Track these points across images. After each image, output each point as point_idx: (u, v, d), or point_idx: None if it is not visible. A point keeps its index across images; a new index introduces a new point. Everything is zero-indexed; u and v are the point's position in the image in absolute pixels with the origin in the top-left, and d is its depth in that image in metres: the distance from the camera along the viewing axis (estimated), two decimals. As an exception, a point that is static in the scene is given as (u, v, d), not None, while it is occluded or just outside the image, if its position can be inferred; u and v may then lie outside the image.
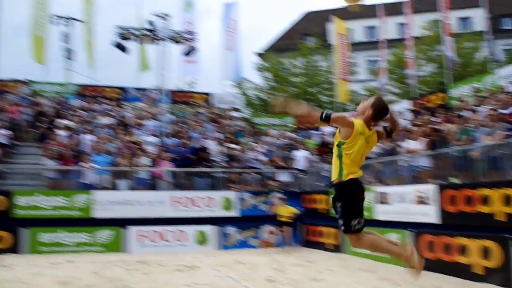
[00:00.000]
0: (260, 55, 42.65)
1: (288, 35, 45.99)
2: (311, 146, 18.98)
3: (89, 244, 14.20)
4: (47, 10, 24.23)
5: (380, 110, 4.65)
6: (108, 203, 14.44)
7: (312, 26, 42.90)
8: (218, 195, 15.58)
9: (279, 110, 4.67)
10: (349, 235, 4.63)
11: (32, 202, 14.13)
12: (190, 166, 16.55)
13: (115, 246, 14.26)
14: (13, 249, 13.56)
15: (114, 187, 15.17)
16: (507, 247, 8.14)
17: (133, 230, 14.45)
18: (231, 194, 15.76)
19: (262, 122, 23.72)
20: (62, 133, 17.13)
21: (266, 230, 15.55)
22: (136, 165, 15.69)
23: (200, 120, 20.28)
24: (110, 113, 19.90)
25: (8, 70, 25.91)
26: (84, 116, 19.24)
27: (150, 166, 15.86)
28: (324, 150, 17.89)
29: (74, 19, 24.86)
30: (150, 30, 19.07)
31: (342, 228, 4.64)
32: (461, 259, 9.02)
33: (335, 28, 26.15)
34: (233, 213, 15.57)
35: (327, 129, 19.91)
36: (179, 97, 24.65)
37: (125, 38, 19.21)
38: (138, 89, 24.35)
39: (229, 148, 17.48)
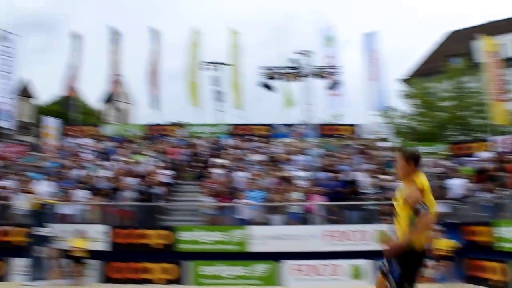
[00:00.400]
0: (404, 81, 41.55)
1: (432, 57, 44.09)
2: (467, 173, 17.91)
3: (247, 277, 14.73)
4: (199, 58, 26.25)
5: None
6: (263, 237, 14.92)
7: (457, 46, 40.85)
8: (371, 228, 15.27)
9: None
10: None
11: (193, 237, 15.18)
12: (341, 200, 16.49)
13: (271, 280, 14.62)
14: (178, 280, 14.71)
15: (268, 222, 15.67)
16: None
17: (288, 264, 14.73)
18: (384, 227, 15.37)
19: (413, 151, 22.83)
20: (217, 171, 18.19)
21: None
22: (288, 200, 16.07)
23: (348, 152, 20.20)
24: (260, 150, 20.68)
25: (165, 114, 28.47)
26: (237, 154, 20.24)
27: (302, 201, 16.12)
28: (482, 177, 16.80)
29: (222, 63, 26.60)
30: (294, 68, 19.69)
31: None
32: None
33: (483, 46, 24.66)
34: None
35: (484, 154, 18.70)
36: (326, 131, 24.80)
37: (270, 78, 20.07)
38: (286, 125, 24.99)
39: (380, 179, 17.12)
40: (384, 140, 23.68)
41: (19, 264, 14.81)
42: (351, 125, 25.26)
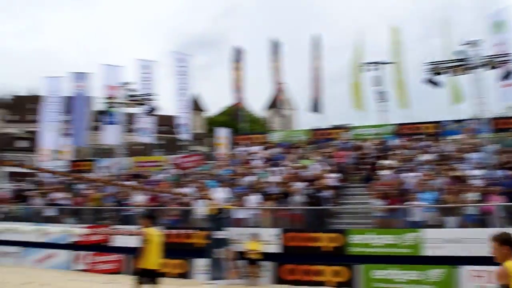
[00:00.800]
0: None
1: None
2: None
3: (420, 282, 14.27)
4: (361, 59, 26.19)
5: None
6: (437, 240, 14.40)
7: None
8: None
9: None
10: None
11: (364, 240, 15.19)
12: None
13: (447, 285, 14.04)
14: (349, 283, 14.84)
15: (442, 225, 15.09)
16: None
17: (465, 269, 14.01)
18: None
19: None
20: (385, 172, 17.98)
21: None
22: (463, 201, 15.31)
23: (528, 148, 18.57)
24: (430, 149, 19.95)
25: (327, 118, 29.01)
26: (405, 155, 19.79)
27: (478, 201, 15.25)
28: None
29: (384, 62, 26.19)
30: (461, 60, 18.66)
31: None
32: None
33: None
34: None
35: None
36: (501, 125, 23.03)
37: (436, 73, 19.25)
38: (455, 121, 23.80)
39: None
40: None
41: (200, 264, 16.31)
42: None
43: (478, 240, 13.94)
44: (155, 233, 9.58)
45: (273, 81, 30.35)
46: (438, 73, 19.25)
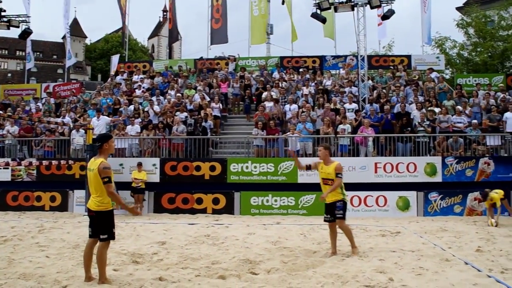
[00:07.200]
0: (461, 9, 39.64)
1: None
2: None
3: (294, 207, 15.08)
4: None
5: None
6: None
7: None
8: (421, 161, 15.15)
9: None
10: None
11: (243, 169, 15.56)
12: (391, 132, 16.39)
13: (318, 210, 14.85)
14: (228, 210, 15.27)
15: (316, 154, 15.73)
16: None
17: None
18: (434, 160, 15.24)
19: (467, 82, 22.06)
20: (267, 104, 18.28)
21: (472, 197, 14.69)
22: (338, 132, 16.09)
23: (399, 84, 19.75)
24: (311, 82, 20.50)
25: (216, 49, 28.60)
26: (286, 87, 20.19)
27: (351, 133, 16.13)
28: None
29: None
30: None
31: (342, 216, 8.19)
32: None
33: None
34: (437, 179, 14.99)
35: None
36: (378, 62, 24.27)
37: (321, 9, 19.59)
38: (335, 57, 24.64)
39: (432, 112, 16.75)
40: (437, 71, 22.85)
41: (77, 195, 16.05)
42: (404, 56, 24.48)
43: (350, 169, 14.91)
44: None
45: (160, 9, 29.12)
46: (324, 9, 19.56)
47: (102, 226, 6.13)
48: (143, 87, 21.41)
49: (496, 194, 12.61)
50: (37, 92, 23.81)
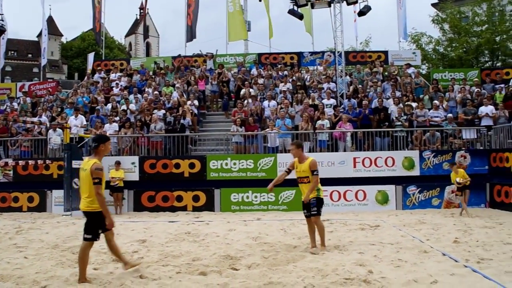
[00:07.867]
0: (436, 5, 40.13)
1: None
2: (498, 100, 17.61)
3: (273, 203, 15.14)
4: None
5: None
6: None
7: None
8: (399, 155, 15.32)
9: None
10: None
11: (223, 166, 15.53)
12: (370, 127, 16.53)
13: (297, 206, 14.91)
14: (208, 207, 15.23)
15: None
16: None
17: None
18: (412, 154, 15.43)
19: (443, 77, 22.40)
20: (245, 101, 18.29)
21: (449, 190, 14.92)
22: (316, 128, 16.17)
23: (377, 80, 19.93)
24: (289, 78, 20.55)
25: (194, 46, 28.58)
26: (264, 83, 20.20)
27: (330, 128, 16.22)
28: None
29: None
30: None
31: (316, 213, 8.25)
32: None
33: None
34: (415, 172, 15.19)
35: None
36: (355, 58, 24.46)
37: (298, 5, 19.65)
38: (313, 53, 24.74)
39: (409, 106, 16.95)
40: (414, 66, 23.14)
41: (55, 195, 15.71)
42: (381, 52, 24.70)
43: (329, 163, 15.02)
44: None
45: (137, 6, 28.87)
46: (300, 5, 19.62)
47: (88, 226, 6.12)
48: (121, 85, 21.24)
49: (455, 174, 13.05)
50: (12, 91, 23.49)
